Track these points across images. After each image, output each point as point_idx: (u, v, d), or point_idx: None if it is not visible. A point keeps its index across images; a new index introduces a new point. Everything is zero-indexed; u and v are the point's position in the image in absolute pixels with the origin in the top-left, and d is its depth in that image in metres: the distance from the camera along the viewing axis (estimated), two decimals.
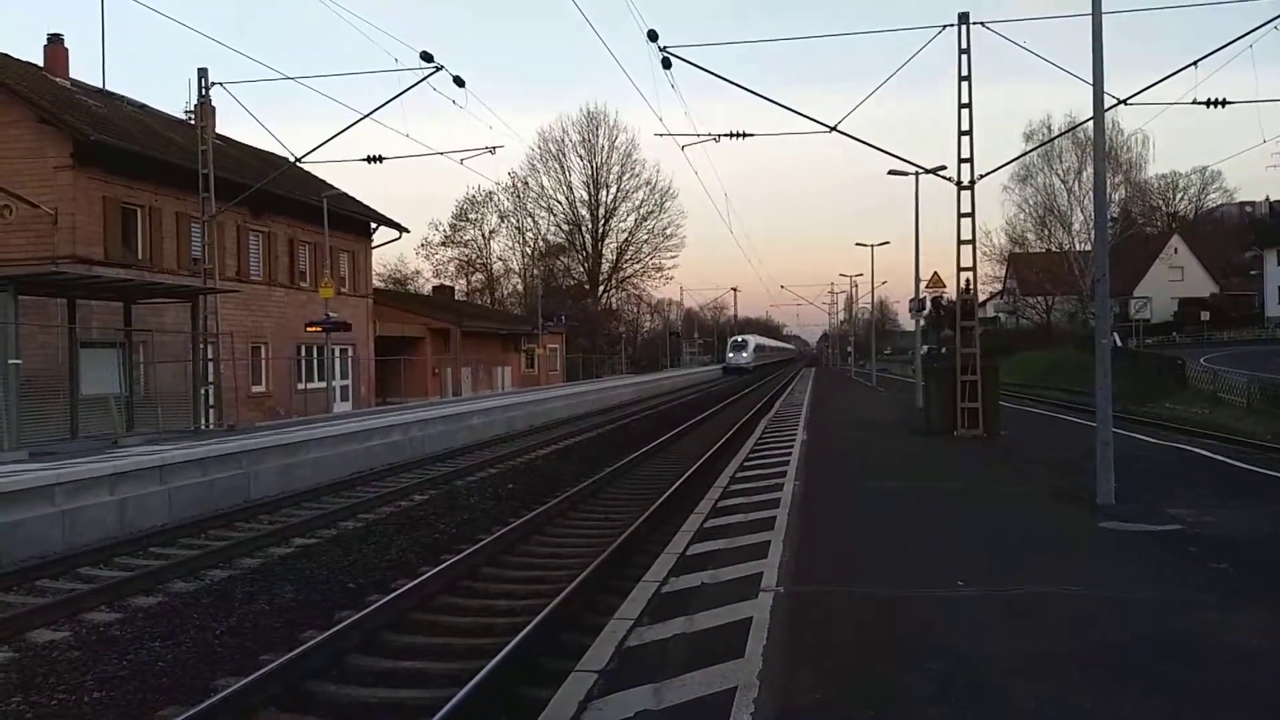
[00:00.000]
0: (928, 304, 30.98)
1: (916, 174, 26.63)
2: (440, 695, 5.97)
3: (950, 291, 27.20)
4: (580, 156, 77.05)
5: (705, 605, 6.44)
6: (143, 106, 30.06)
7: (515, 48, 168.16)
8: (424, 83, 18.74)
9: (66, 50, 27.81)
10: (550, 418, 30.19)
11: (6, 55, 25.99)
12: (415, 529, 11.61)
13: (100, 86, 28.10)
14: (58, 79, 26.86)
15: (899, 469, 13.92)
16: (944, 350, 20.18)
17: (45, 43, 27.64)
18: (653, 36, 16.29)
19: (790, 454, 15.25)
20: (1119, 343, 47.49)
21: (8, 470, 11.09)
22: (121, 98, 29.00)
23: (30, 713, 5.98)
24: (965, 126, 17.84)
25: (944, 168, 20.60)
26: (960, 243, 18.33)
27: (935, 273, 29.55)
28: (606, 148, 76.86)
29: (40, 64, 27.26)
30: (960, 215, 18.24)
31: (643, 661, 5.44)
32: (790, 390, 43.06)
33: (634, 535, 10.74)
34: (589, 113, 79.03)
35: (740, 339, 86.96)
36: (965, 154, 17.94)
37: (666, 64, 16.59)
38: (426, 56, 18.39)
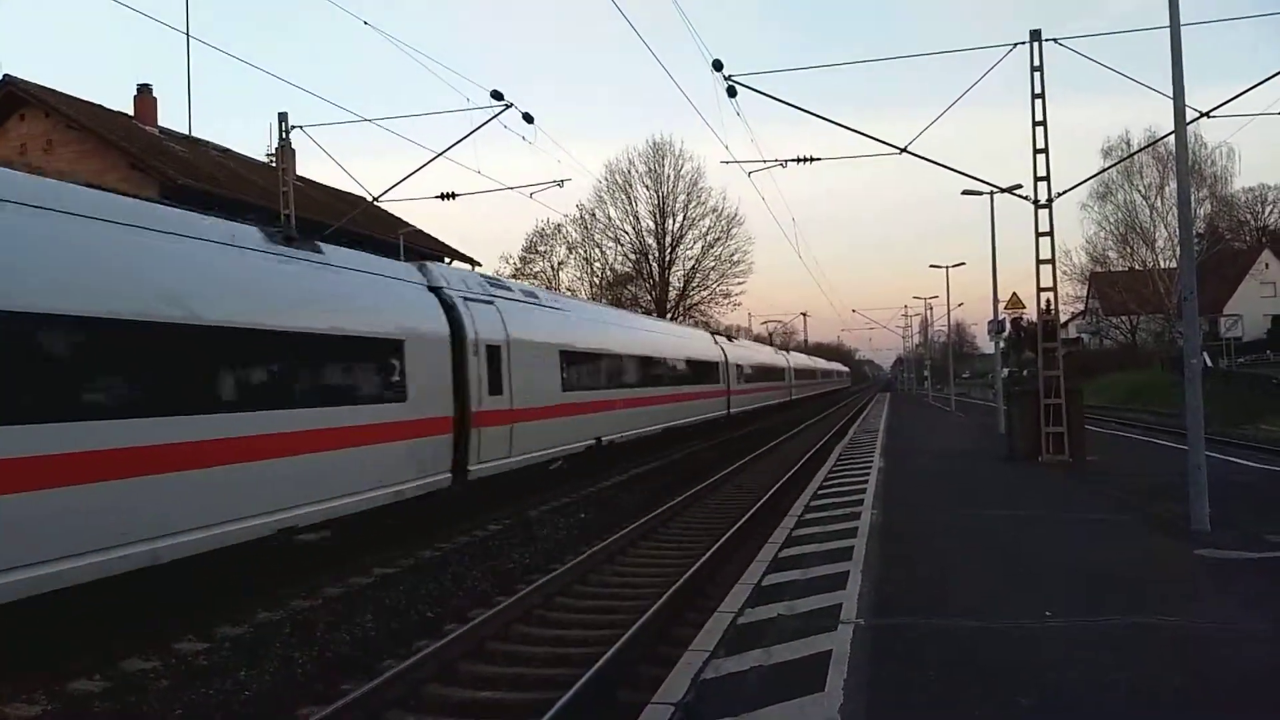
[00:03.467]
0: (1007, 325, 30.28)
1: (991, 193, 26.11)
2: None
3: (1030, 312, 26.60)
4: (646, 186, 77.55)
5: (783, 637, 6.33)
6: (226, 150, 31.26)
7: (583, 83, 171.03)
8: (494, 120, 19.10)
9: (155, 99, 29.14)
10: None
11: (100, 106, 27.33)
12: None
13: (187, 133, 29.34)
14: (147, 127, 28.11)
15: (982, 497, 13.55)
16: (1025, 373, 19.62)
17: (135, 93, 29.02)
18: (718, 66, 16.36)
19: (867, 482, 14.98)
20: (1209, 362, 45.71)
21: None
22: (206, 143, 30.22)
23: None
24: (1040, 144, 17.49)
25: (1020, 186, 20.17)
26: (1039, 262, 17.91)
27: (1014, 293, 28.92)
28: (672, 177, 77.24)
29: (131, 113, 28.58)
30: (1038, 234, 17.85)
31: (720, 694, 5.35)
32: (865, 417, 42.40)
33: (707, 564, 10.62)
34: (655, 143, 79.49)
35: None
36: (1041, 172, 17.57)
37: (732, 92, 16.63)
38: (497, 95, 18.76)
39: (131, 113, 28.61)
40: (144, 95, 28.98)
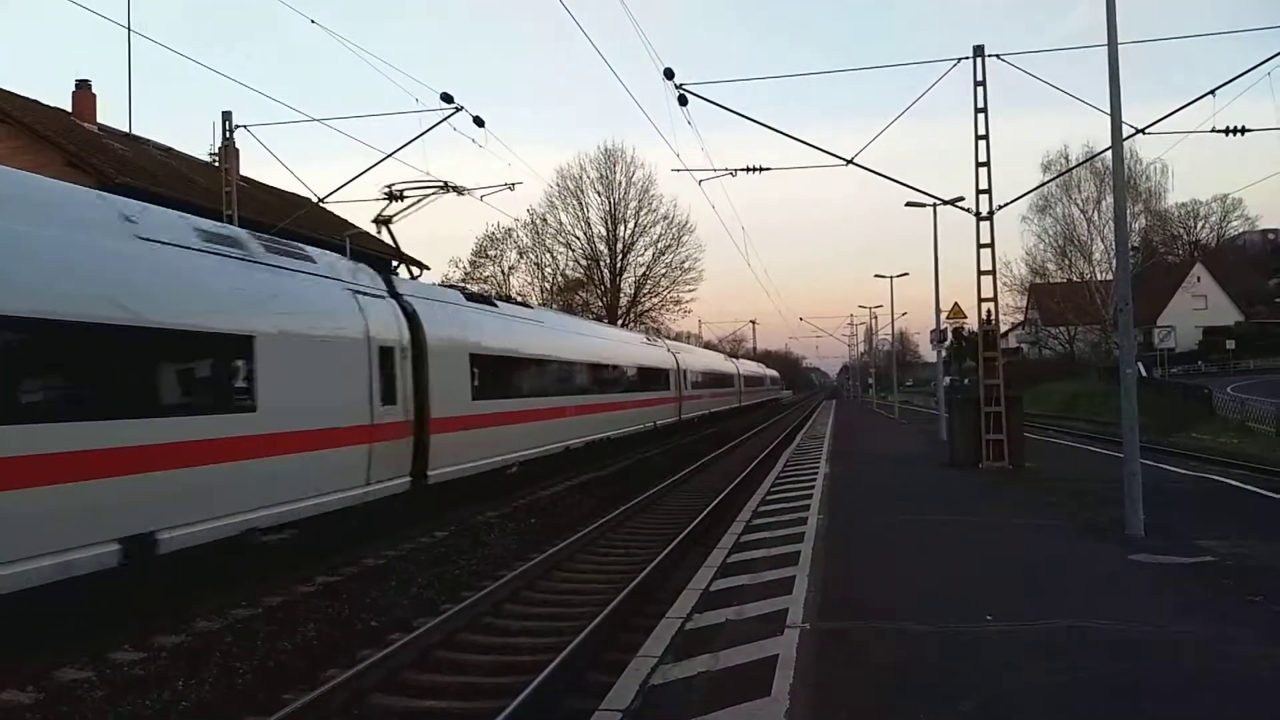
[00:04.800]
0: (949, 335, 30.84)
1: (934, 205, 26.63)
2: None
3: (971, 322, 27.13)
4: (598, 193, 77.62)
5: (730, 642, 6.37)
6: (168, 149, 30.58)
7: (534, 87, 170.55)
8: (445, 123, 18.99)
9: (94, 95, 28.38)
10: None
11: (36, 101, 26.56)
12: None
13: (127, 130, 28.64)
14: (85, 124, 27.38)
15: (924, 502, 13.78)
16: (966, 381, 20.04)
17: (73, 89, 28.26)
18: (669, 74, 16.47)
19: (813, 487, 15.14)
20: (1144, 372, 47.01)
21: None
22: (147, 141, 29.52)
23: None
24: (983, 158, 17.86)
25: (962, 199, 20.59)
26: (980, 273, 18.28)
27: (956, 303, 29.47)
28: (624, 183, 77.41)
29: (69, 109, 27.83)
30: (980, 246, 18.21)
31: (668, 700, 5.37)
32: (812, 423, 42.84)
33: (656, 570, 10.64)
34: (606, 150, 79.57)
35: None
36: (983, 185, 17.94)
37: (683, 101, 16.74)
38: (447, 97, 18.65)
39: (69, 109, 27.87)
40: (82, 91, 28.23)
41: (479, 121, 19.21)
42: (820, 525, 11.23)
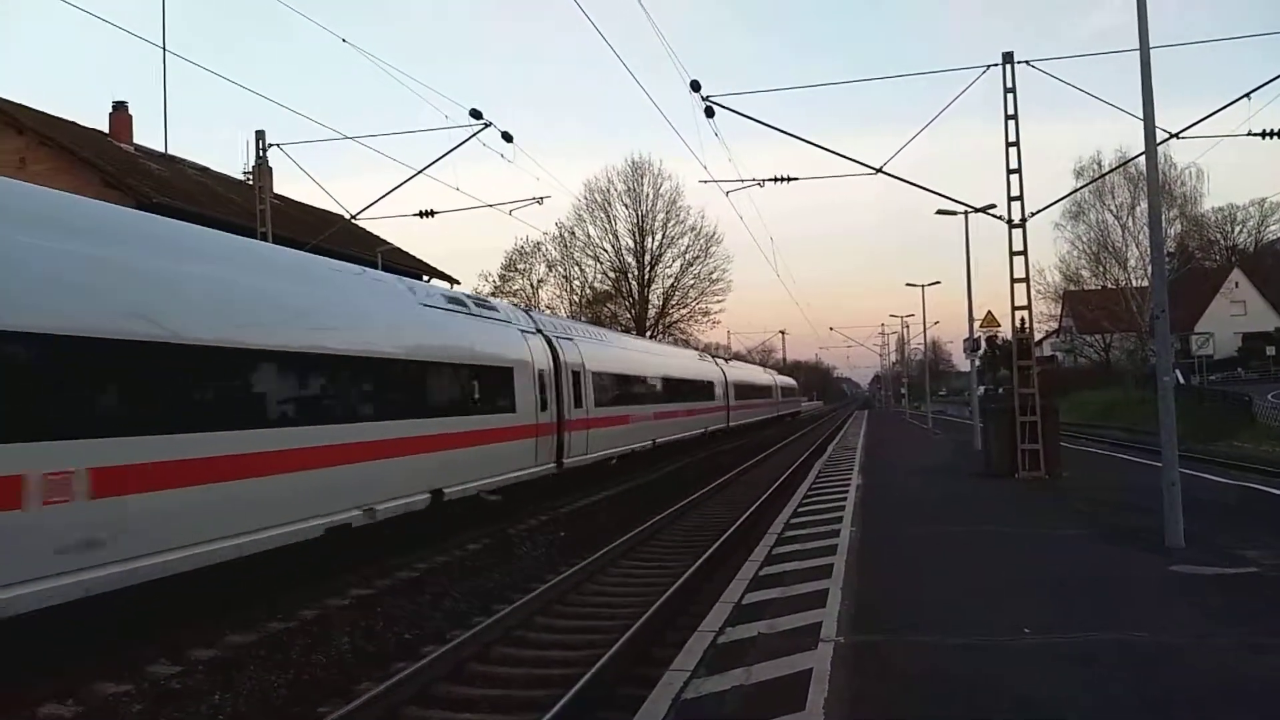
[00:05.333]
0: (982, 344, 30.55)
1: (966, 213, 26.41)
2: None
3: (1005, 330, 26.87)
4: (625, 205, 77.85)
5: (763, 656, 6.32)
6: (203, 169, 31.07)
7: (562, 102, 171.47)
8: (474, 138, 19.15)
9: (130, 117, 28.93)
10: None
11: (74, 123, 27.11)
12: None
13: (163, 150, 29.15)
14: (122, 144, 27.90)
15: (960, 513, 13.62)
16: (1001, 390, 19.83)
17: (111, 110, 28.81)
18: (695, 87, 16.49)
19: (845, 499, 15.02)
20: (1181, 380, 46.28)
21: None
22: (183, 161, 30.03)
23: None
24: (1014, 164, 17.73)
25: (994, 206, 20.41)
26: (1014, 281, 18.12)
27: (989, 312, 29.17)
28: (651, 195, 77.60)
29: (106, 130, 28.37)
30: (1012, 253, 18.05)
31: (701, 714, 5.34)
32: (844, 434, 42.57)
33: (688, 584, 10.60)
34: (634, 162, 79.89)
35: None
36: (1015, 192, 17.79)
37: (710, 113, 16.76)
38: (476, 114, 18.81)
39: (106, 130, 28.40)
40: (119, 112, 28.77)
41: (507, 137, 19.36)
42: (853, 537, 11.13)
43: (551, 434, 17.67)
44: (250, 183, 23.59)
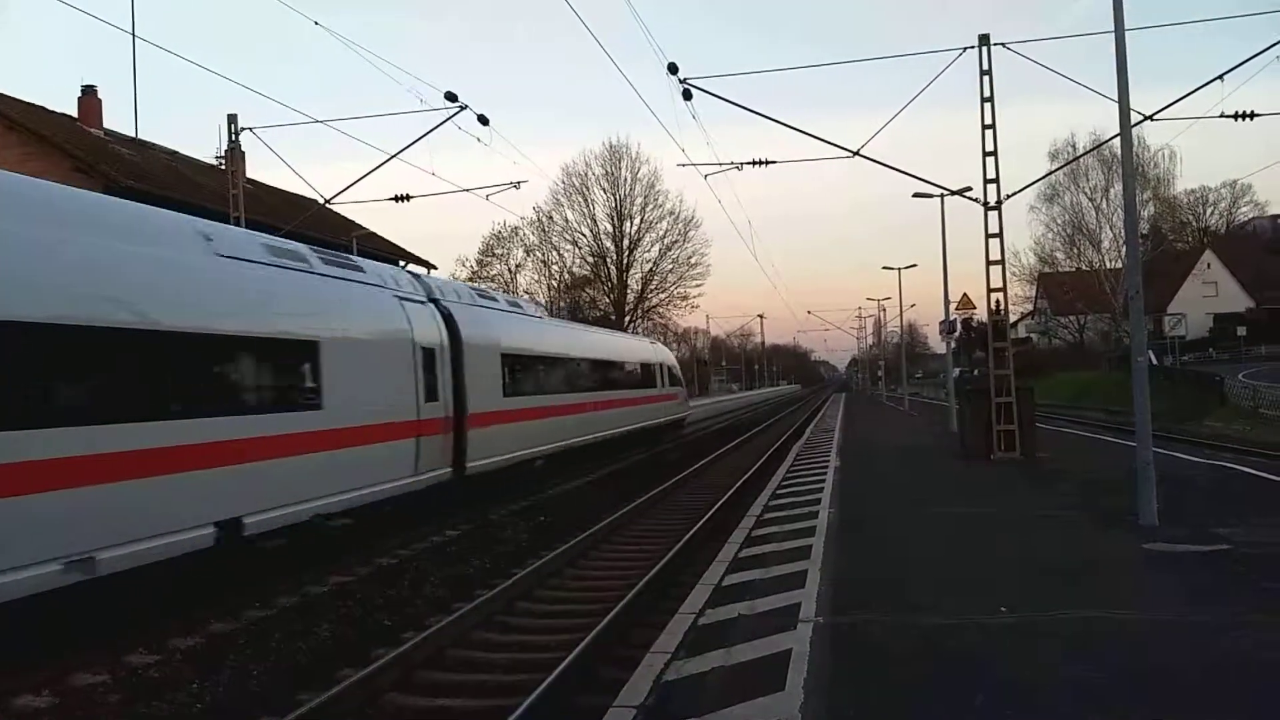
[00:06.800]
0: (958, 326, 30.75)
1: (942, 196, 26.48)
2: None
3: (980, 313, 27.04)
4: (604, 189, 77.60)
5: (743, 637, 6.35)
6: (174, 154, 30.66)
7: (538, 85, 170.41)
8: (449, 122, 18.98)
9: (100, 101, 28.48)
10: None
11: (42, 108, 26.67)
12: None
13: (134, 135, 28.73)
14: (92, 130, 27.48)
15: (936, 495, 13.73)
16: (976, 372, 19.95)
17: (80, 94, 28.34)
18: (673, 69, 16.41)
19: (824, 481, 15.10)
20: (1155, 361, 46.78)
21: None
22: (154, 145, 29.61)
23: None
24: (990, 147, 17.78)
25: (970, 189, 20.52)
26: (989, 263, 18.19)
27: (965, 294, 29.35)
28: (629, 179, 77.40)
29: (75, 115, 27.92)
30: (988, 236, 18.12)
31: (682, 695, 5.35)
32: (822, 416, 42.77)
33: (667, 567, 10.64)
34: (611, 146, 79.52)
35: None
36: (991, 175, 17.85)
37: (687, 95, 16.69)
38: (451, 96, 18.64)
39: (75, 114, 27.96)
40: (88, 96, 28.33)
41: (483, 120, 19.23)
42: (831, 519, 11.20)
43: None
44: (223, 167, 23.28)
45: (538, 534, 13.64)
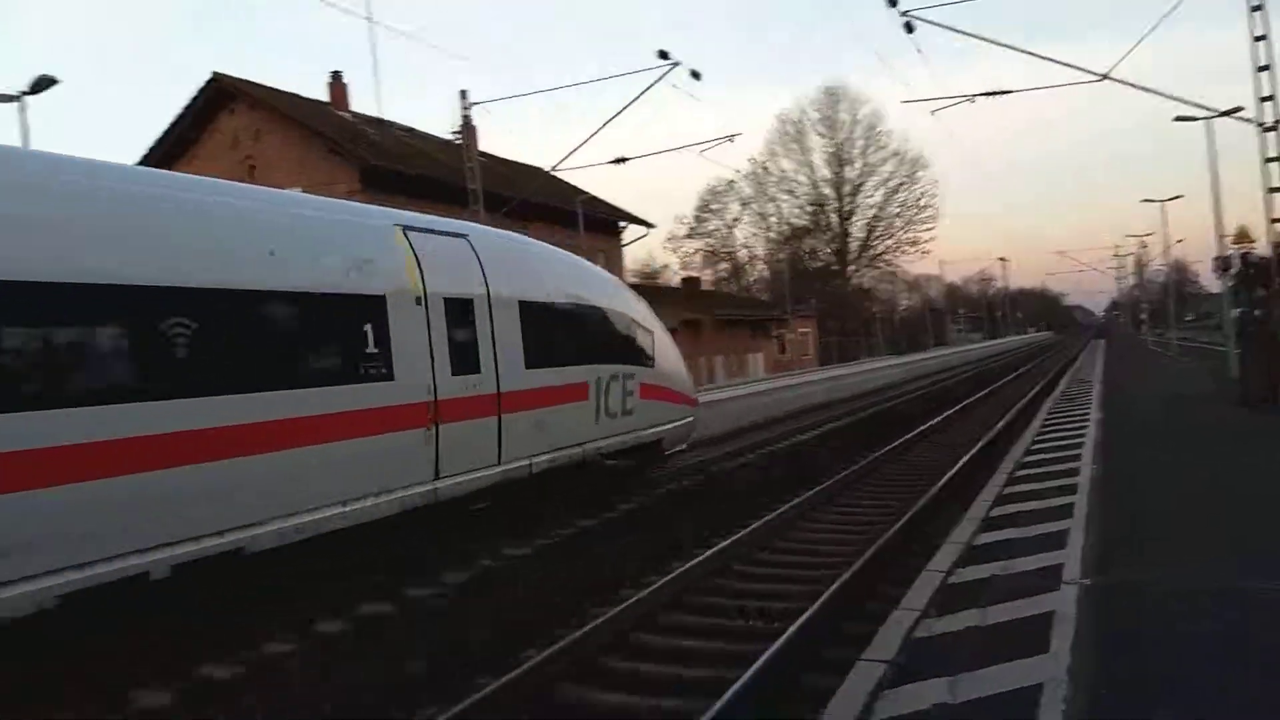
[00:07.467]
0: (1235, 262, 27.55)
1: (1209, 118, 23.77)
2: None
3: (1261, 246, 24.04)
4: (821, 134, 75.52)
5: (999, 598, 5.94)
6: (410, 130, 32.68)
7: (749, 34, 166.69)
8: (663, 80, 18.98)
9: (345, 85, 30.77)
10: (807, 403, 29.48)
11: (297, 95, 29.11)
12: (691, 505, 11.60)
13: (375, 115, 30.87)
14: (341, 112, 29.75)
15: (1214, 447, 12.35)
16: (1258, 314, 17.75)
17: (329, 80, 30.74)
18: (893, 2, 15.53)
19: (1084, 435, 13.98)
20: None
21: None
22: (392, 124, 31.69)
23: None
24: (1263, 61, 15.68)
25: (1241, 109, 18.20)
26: (1269, 190, 16.17)
27: (1241, 226, 26.22)
28: (848, 122, 74.87)
29: (325, 100, 30.31)
30: (1265, 160, 16.09)
31: (934, 653, 5.06)
32: (1077, 365, 39.82)
33: (909, 524, 10.12)
34: (828, 89, 77.15)
35: None
36: (1265, 92, 15.75)
37: (909, 28, 15.78)
38: (663, 54, 18.62)
39: (326, 99, 30.32)
40: (336, 81, 30.64)
41: (696, 75, 19.11)
42: (1094, 475, 10.31)
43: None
44: (456, 142, 24.55)
45: (767, 485, 13.34)
